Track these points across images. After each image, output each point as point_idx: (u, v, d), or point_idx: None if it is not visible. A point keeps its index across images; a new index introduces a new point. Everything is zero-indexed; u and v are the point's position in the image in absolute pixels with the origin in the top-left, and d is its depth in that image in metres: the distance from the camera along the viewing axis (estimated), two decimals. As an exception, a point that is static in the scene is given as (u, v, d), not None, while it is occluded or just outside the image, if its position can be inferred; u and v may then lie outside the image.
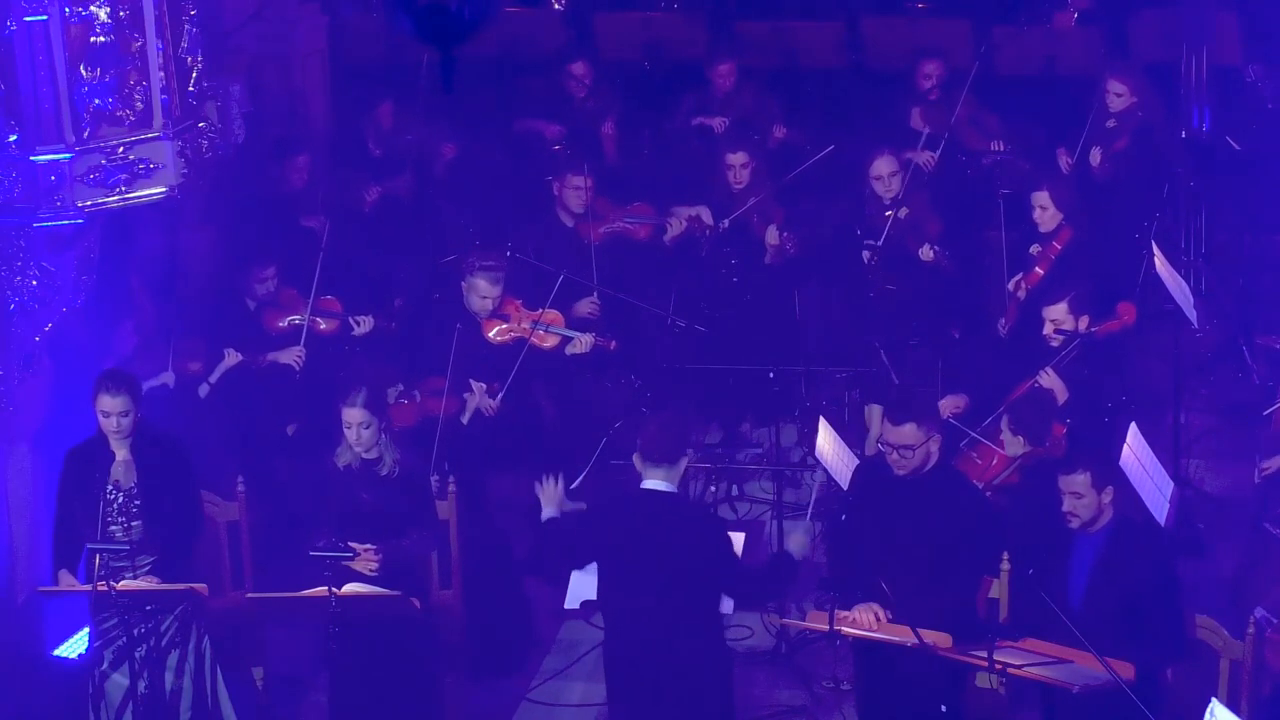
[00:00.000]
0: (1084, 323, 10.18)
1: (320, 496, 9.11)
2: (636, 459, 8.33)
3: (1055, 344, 10.17)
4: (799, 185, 12.59)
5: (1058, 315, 10.20)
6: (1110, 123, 12.34)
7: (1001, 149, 12.69)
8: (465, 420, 10.59)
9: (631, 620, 8.35)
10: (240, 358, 10.82)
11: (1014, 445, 9.72)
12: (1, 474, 9.85)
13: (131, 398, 8.91)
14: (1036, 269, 11.11)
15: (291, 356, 11.10)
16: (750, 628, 10.37)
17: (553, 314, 11.11)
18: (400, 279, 12.24)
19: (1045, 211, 11.16)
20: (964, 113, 12.69)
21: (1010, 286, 11.22)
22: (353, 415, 8.99)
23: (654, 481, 8.27)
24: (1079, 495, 8.38)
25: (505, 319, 10.99)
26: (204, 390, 10.77)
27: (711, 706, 8.39)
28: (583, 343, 11.04)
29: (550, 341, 11.04)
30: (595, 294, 11.24)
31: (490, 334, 10.94)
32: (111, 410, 8.88)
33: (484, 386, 10.64)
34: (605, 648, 8.58)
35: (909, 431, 8.40)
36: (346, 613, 8.62)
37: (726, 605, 8.74)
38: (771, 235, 12.01)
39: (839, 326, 11.97)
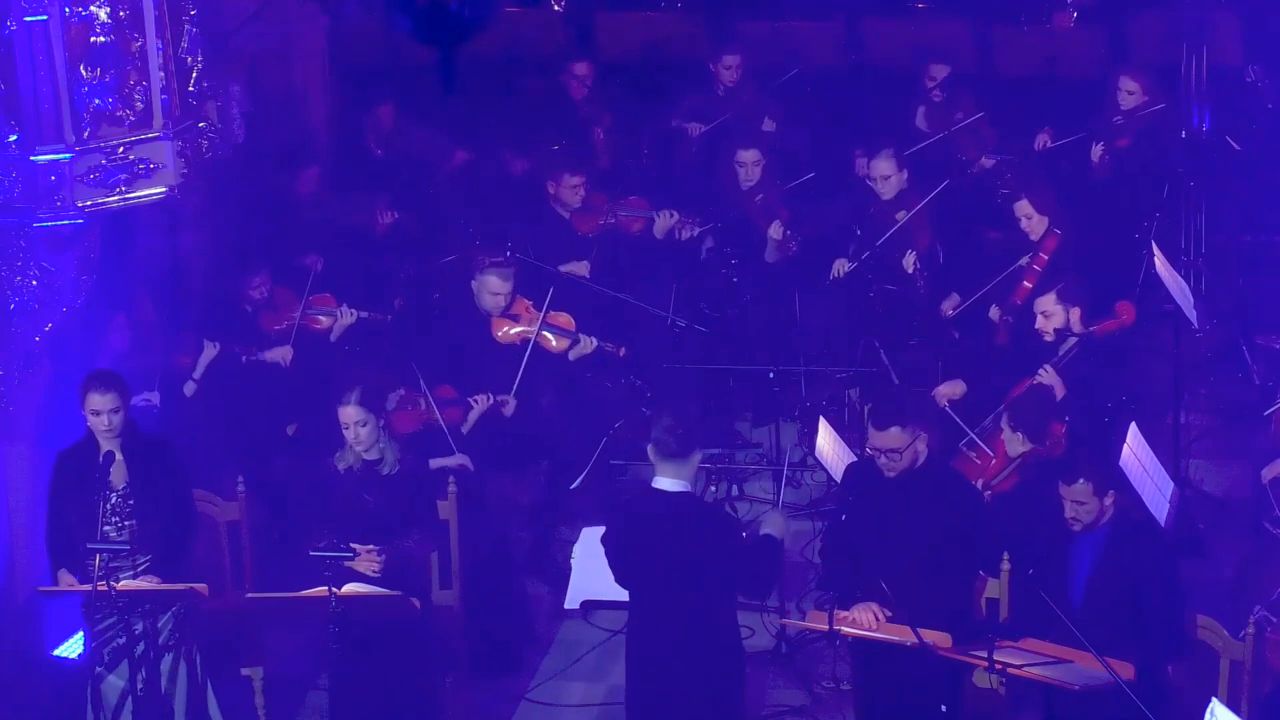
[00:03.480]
0: (1075, 314, 10.15)
1: (321, 499, 9.11)
2: (651, 451, 8.27)
3: (1049, 339, 10.15)
4: (800, 186, 12.61)
5: (1047, 306, 10.18)
6: (1118, 119, 12.34)
7: (992, 164, 12.70)
8: (466, 430, 10.59)
9: (652, 620, 8.33)
10: (218, 349, 10.80)
11: (1014, 443, 9.72)
12: (1, 474, 9.85)
13: (120, 395, 8.92)
14: (1025, 282, 11.05)
15: (277, 355, 11.10)
16: (750, 628, 10.35)
17: (564, 316, 11.11)
18: (400, 279, 12.25)
19: (1031, 220, 11.14)
20: (964, 120, 12.72)
21: (992, 315, 11.15)
22: (348, 414, 8.99)
23: (665, 480, 8.24)
24: (1081, 502, 8.38)
25: (515, 319, 11.00)
26: (190, 388, 10.75)
27: (726, 705, 8.40)
28: (586, 345, 11.05)
29: (560, 344, 11.04)
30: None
31: (499, 333, 10.95)
32: (102, 408, 8.87)
33: (490, 398, 10.65)
34: (628, 647, 8.53)
35: (894, 435, 8.40)
36: (346, 613, 8.62)
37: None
38: (775, 230, 12.02)
39: (839, 326, 11.97)
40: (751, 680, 9.97)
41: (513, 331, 10.98)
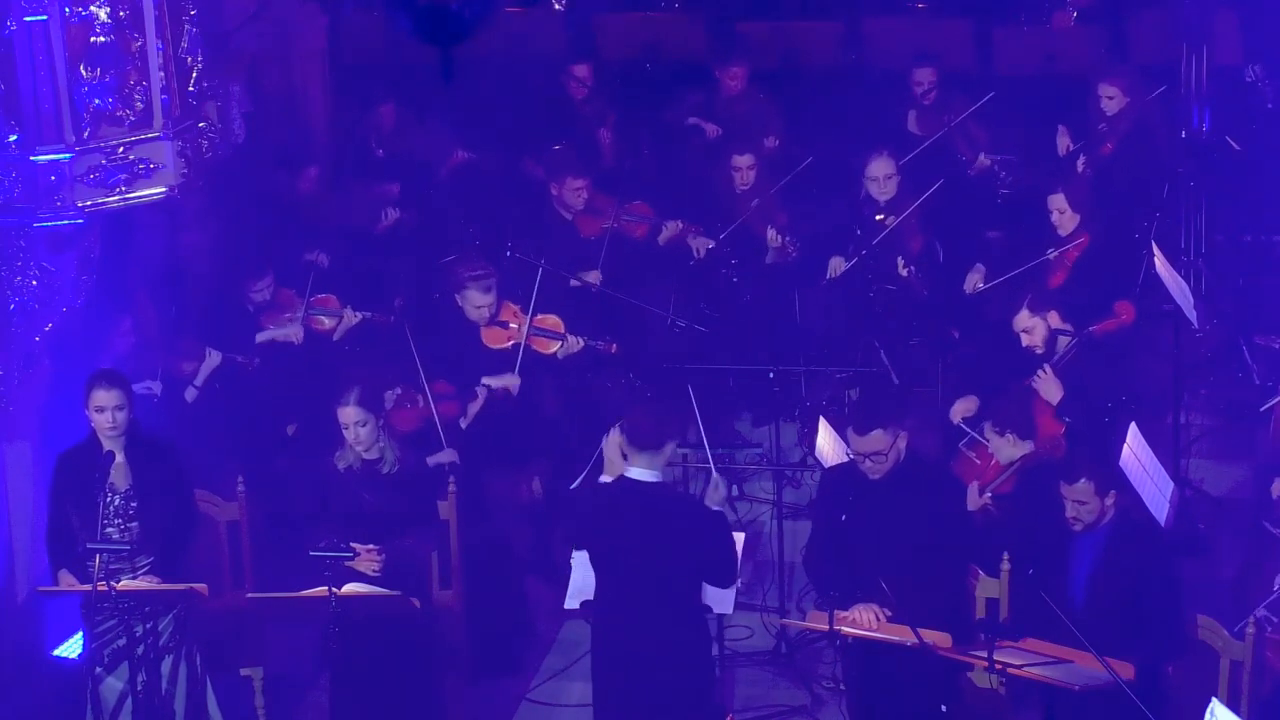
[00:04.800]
0: (1053, 317, 10.15)
1: (322, 499, 9.11)
2: (623, 441, 8.33)
3: (1040, 351, 10.14)
4: (798, 186, 12.60)
5: (1024, 324, 10.15)
6: (1101, 126, 12.35)
7: (987, 164, 12.69)
8: (465, 425, 10.59)
9: (618, 609, 8.38)
10: (221, 357, 10.81)
11: (1003, 447, 9.70)
12: (1, 474, 9.85)
13: (124, 393, 8.92)
14: (1055, 275, 11.03)
15: (289, 332, 11.10)
16: (750, 628, 10.38)
17: (551, 319, 11.10)
18: (400, 279, 12.25)
19: (1063, 215, 11.12)
20: (957, 121, 12.71)
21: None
22: (347, 414, 9.00)
23: (637, 470, 8.29)
24: (1083, 502, 8.38)
25: (504, 325, 11.00)
26: (191, 394, 10.77)
27: (695, 695, 8.41)
28: (574, 344, 11.04)
29: (552, 347, 11.04)
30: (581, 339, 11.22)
31: (490, 342, 10.94)
32: (106, 404, 8.86)
33: (487, 391, 10.66)
34: (592, 637, 8.58)
35: (877, 437, 8.41)
36: (346, 613, 8.62)
37: (726, 605, 8.76)
38: (772, 237, 12.03)
39: (839, 326, 11.97)
40: (751, 680, 10.01)
41: (503, 337, 10.96)
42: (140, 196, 9.49)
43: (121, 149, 9.40)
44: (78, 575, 8.83)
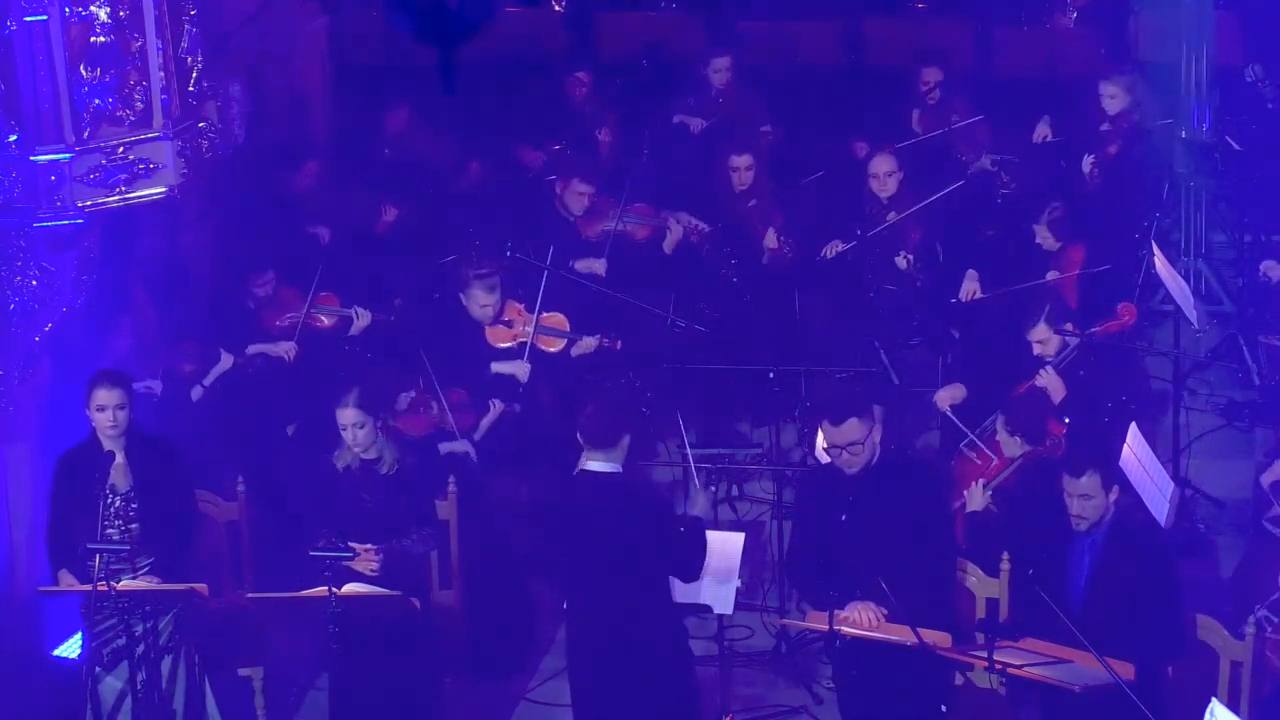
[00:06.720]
0: (1068, 328, 10.14)
1: (321, 498, 9.11)
2: (579, 438, 8.41)
3: (1051, 360, 10.14)
4: (798, 185, 12.60)
5: (1041, 335, 10.13)
6: (1104, 126, 12.35)
7: (990, 166, 12.69)
8: (478, 437, 10.58)
9: (585, 602, 8.42)
10: (234, 361, 10.81)
11: (1011, 446, 9.71)
12: (1, 474, 9.85)
13: (126, 393, 8.93)
14: (1069, 296, 10.99)
15: (282, 349, 11.11)
16: (750, 628, 10.38)
17: (556, 317, 11.11)
18: (400, 278, 12.25)
19: (1047, 240, 11.13)
20: (959, 121, 12.71)
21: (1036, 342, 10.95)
22: (345, 416, 8.99)
23: (595, 463, 8.34)
24: (1088, 497, 8.36)
25: (508, 324, 11.00)
26: (197, 393, 10.76)
27: (668, 686, 8.43)
28: (587, 344, 11.07)
29: (556, 345, 11.05)
30: (599, 336, 11.22)
31: (494, 340, 10.95)
32: (108, 403, 8.86)
33: (500, 405, 10.68)
34: (566, 630, 8.60)
35: (853, 426, 8.35)
36: (346, 613, 8.62)
37: (726, 605, 8.76)
38: (770, 239, 12.04)
39: (839, 326, 11.97)
40: (751, 680, 10.01)
41: (507, 336, 10.97)
42: (140, 196, 9.50)
43: (121, 149, 9.41)
44: (78, 575, 8.83)
